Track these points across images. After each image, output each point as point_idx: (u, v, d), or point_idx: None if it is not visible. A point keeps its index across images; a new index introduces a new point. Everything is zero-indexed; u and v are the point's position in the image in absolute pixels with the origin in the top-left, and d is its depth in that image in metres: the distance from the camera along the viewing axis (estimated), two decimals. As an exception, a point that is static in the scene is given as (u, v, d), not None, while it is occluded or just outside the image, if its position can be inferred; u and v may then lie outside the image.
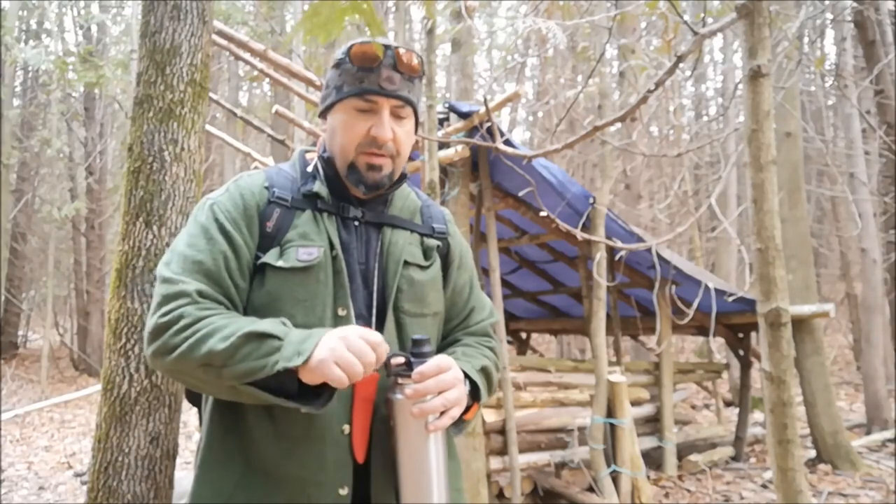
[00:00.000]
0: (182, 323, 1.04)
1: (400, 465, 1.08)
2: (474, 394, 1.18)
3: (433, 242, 1.28)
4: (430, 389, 1.06)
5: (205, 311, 1.06)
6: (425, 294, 1.23)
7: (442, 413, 1.07)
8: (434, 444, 1.08)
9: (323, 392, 1.05)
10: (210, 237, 1.13)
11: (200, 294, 1.08)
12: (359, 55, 1.17)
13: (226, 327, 1.03)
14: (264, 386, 1.03)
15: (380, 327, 1.18)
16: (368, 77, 1.17)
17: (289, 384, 1.04)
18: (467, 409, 1.17)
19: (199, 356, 1.02)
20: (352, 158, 1.19)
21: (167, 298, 1.08)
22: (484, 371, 1.23)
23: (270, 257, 1.14)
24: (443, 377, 1.08)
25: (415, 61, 1.19)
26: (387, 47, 1.17)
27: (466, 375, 1.16)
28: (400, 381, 1.08)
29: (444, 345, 1.32)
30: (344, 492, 1.11)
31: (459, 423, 1.16)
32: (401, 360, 1.08)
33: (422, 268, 1.24)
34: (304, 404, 1.03)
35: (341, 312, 1.15)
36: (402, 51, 1.18)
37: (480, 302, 1.39)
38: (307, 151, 1.30)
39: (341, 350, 1.00)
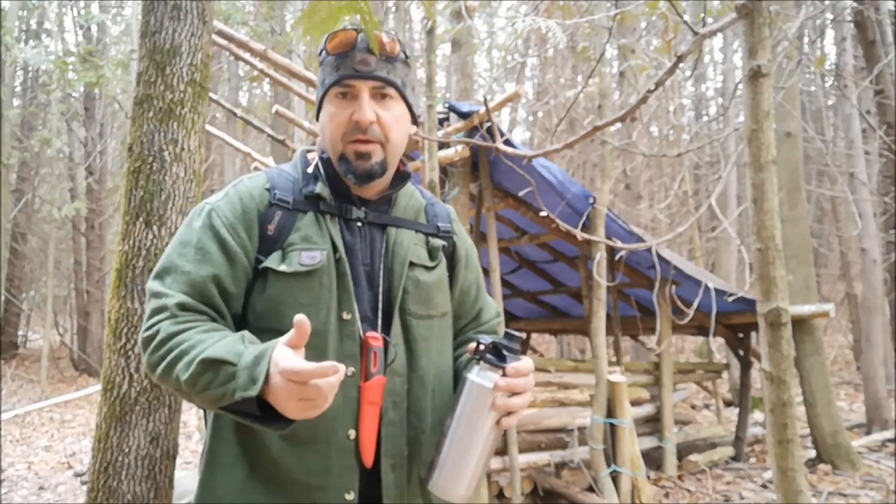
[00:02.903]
0: (157, 339, 1.05)
1: (449, 445, 1.06)
2: None
3: (438, 242, 1.26)
4: (518, 387, 1.05)
5: (180, 326, 1.05)
6: (431, 295, 1.22)
7: (510, 413, 1.07)
8: (493, 439, 1.07)
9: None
10: (202, 246, 1.12)
11: (181, 307, 1.07)
12: (333, 44, 1.17)
13: (191, 350, 1.01)
14: (235, 409, 1.00)
15: (386, 330, 1.16)
16: (344, 63, 1.16)
17: (254, 409, 0.98)
18: None
19: (172, 382, 1.03)
20: (341, 149, 1.17)
21: (152, 313, 1.09)
22: None
23: (272, 262, 1.12)
24: (529, 379, 1.08)
25: (389, 41, 1.17)
26: (359, 31, 1.17)
27: None
28: (489, 369, 1.06)
29: (456, 344, 1.31)
30: (350, 497, 1.10)
31: None
32: (489, 345, 1.06)
33: (427, 269, 1.23)
34: (269, 425, 0.98)
35: (346, 316, 1.13)
36: (376, 33, 1.17)
37: (486, 301, 1.38)
38: (308, 151, 1.28)
39: (295, 393, 0.91)
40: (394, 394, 1.14)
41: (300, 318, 0.94)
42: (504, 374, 1.05)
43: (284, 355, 0.93)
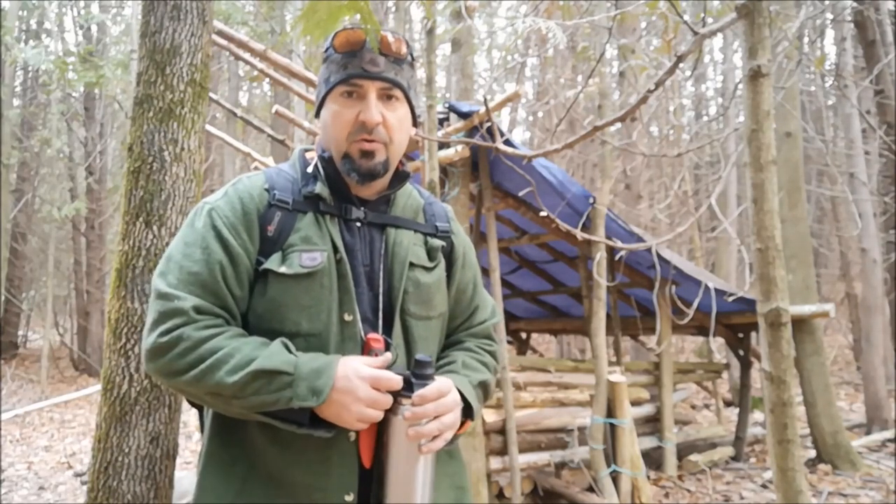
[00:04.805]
0: (182, 346, 1.04)
1: (387, 481, 1.09)
2: (467, 411, 1.17)
3: (437, 242, 1.26)
4: (428, 413, 1.06)
5: (204, 332, 1.05)
6: (431, 296, 1.22)
7: (434, 437, 1.07)
8: (423, 465, 1.09)
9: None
10: (206, 246, 1.11)
11: (197, 310, 1.06)
12: (342, 42, 1.16)
13: (232, 356, 1.03)
14: (273, 414, 1.05)
15: (387, 331, 1.16)
16: (352, 62, 1.16)
17: (302, 418, 1.05)
18: (460, 425, 1.16)
19: (209, 386, 1.03)
20: (345, 148, 1.17)
21: (164, 316, 1.06)
22: (482, 385, 1.23)
23: (273, 263, 1.11)
24: (442, 401, 1.08)
25: (398, 43, 1.17)
26: (368, 32, 1.17)
27: (462, 396, 1.15)
28: (400, 400, 1.07)
29: (447, 345, 1.31)
30: (350, 498, 1.10)
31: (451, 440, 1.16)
32: (400, 378, 1.08)
33: (427, 269, 1.22)
34: (315, 430, 1.06)
35: (347, 318, 1.13)
36: (385, 33, 1.17)
37: (483, 301, 1.37)
38: (307, 151, 1.28)
39: (365, 412, 1.04)
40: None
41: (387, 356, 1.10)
42: (412, 405, 1.06)
43: (364, 361, 1.08)
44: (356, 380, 1.03)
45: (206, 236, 1.12)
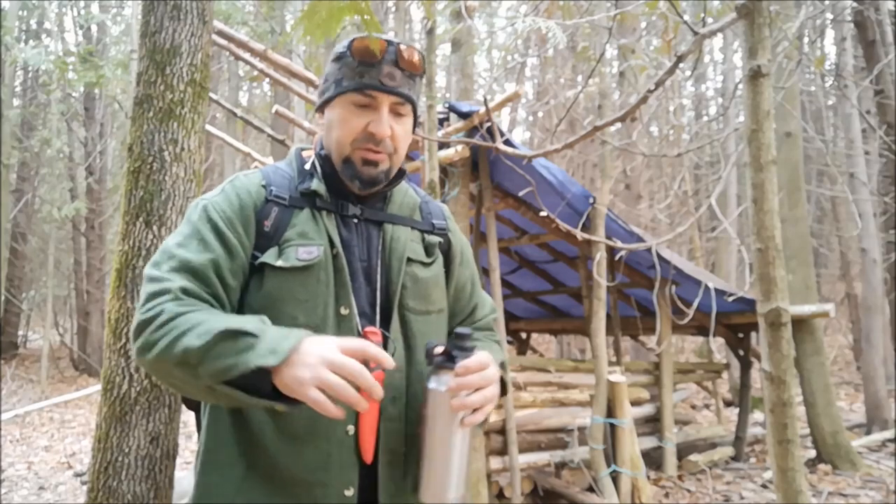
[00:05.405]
0: (161, 319, 1.02)
1: (426, 455, 1.08)
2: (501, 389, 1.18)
3: (434, 239, 1.27)
4: (471, 384, 1.05)
5: (184, 308, 1.03)
6: (429, 291, 1.23)
7: (475, 410, 1.07)
8: (462, 438, 1.08)
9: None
10: (201, 237, 1.11)
11: (184, 291, 1.06)
12: (360, 49, 1.16)
13: (203, 323, 1.00)
14: (240, 386, 0.98)
15: (385, 325, 1.17)
16: (369, 72, 1.15)
17: (262, 385, 0.98)
18: None
19: (176, 354, 0.98)
20: (347, 153, 1.17)
21: (151, 296, 1.05)
22: (503, 367, 1.24)
23: (269, 257, 1.12)
24: (484, 373, 1.07)
25: (416, 59, 1.18)
26: (389, 43, 1.16)
27: None
28: (442, 372, 1.07)
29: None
30: (349, 493, 1.10)
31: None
32: (441, 350, 1.08)
33: (424, 265, 1.23)
34: (275, 402, 0.98)
35: (343, 311, 1.13)
36: (404, 47, 1.17)
37: (482, 298, 1.39)
38: (303, 149, 1.29)
39: (323, 373, 0.93)
40: (393, 389, 1.14)
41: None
42: (455, 375, 1.06)
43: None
44: (327, 344, 0.96)
45: (202, 229, 1.12)
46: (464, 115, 3.82)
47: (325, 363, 0.94)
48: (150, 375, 2.09)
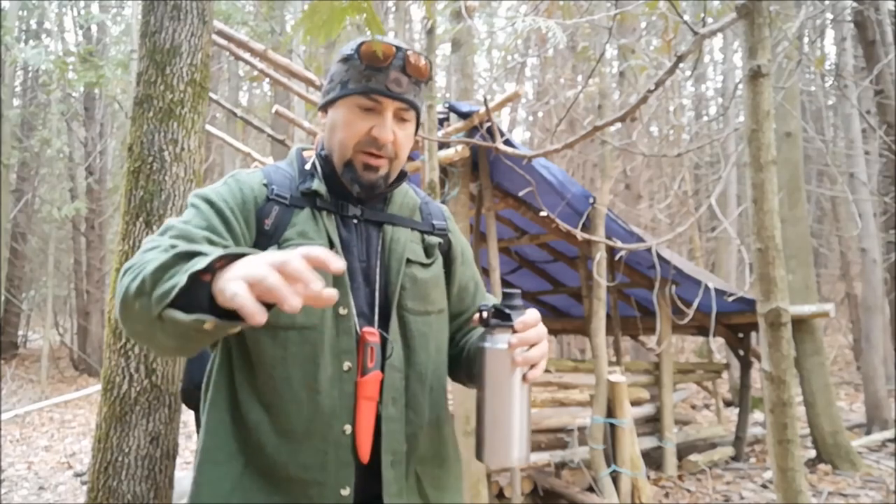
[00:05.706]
0: (136, 265, 0.94)
1: (487, 418, 1.08)
2: None
3: (434, 240, 1.27)
4: (531, 339, 1.06)
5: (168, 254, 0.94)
6: (428, 292, 1.23)
7: (532, 366, 1.07)
8: (523, 396, 1.08)
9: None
10: (205, 217, 1.09)
11: (173, 248, 0.97)
12: (369, 53, 1.15)
13: (166, 255, 0.91)
14: (178, 304, 0.86)
15: (383, 326, 1.17)
16: (376, 76, 1.15)
17: (202, 303, 0.86)
18: None
19: (137, 285, 0.90)
20: (349, 156, 1.17)
21: (140, 253, 0.99)
22: None
23: None
24: (539, 329, 1.08)
25: (424, 66, 1.18)
26: (398, 48, 1.16)
27: None
28: (497, 331, 1.07)
29: (458, 339, 1.32)
30: (346, 492, 1.10)
31: None
32: (492, 310, 1.08)
33: (424, 266, 1.23)
34: (210, 316, 0.84)
35: (342, 311, 1.13)
36: (412, 54, 1.17)
37: (484, 298, 1.39)
38: (304, 149, 1.29)
39: (255, 269, 0.79)
40: (393, 389, 1.14)
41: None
42: (514, 331, 1.06)
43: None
44: (267, 257, 0.82)
45: (206, 211, 1.11)
46: (464, 115, 3.82)
47: (264, 262, 0.81)
48: (150, 375, 2.09)
